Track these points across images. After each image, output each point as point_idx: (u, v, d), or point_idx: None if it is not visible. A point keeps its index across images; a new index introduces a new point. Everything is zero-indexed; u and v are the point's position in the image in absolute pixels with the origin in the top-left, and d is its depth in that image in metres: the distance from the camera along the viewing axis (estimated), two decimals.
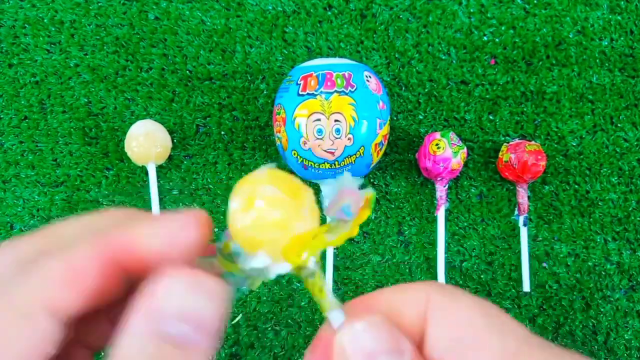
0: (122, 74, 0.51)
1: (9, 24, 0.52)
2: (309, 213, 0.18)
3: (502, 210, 0.49)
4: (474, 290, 0.48)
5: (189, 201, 0.50)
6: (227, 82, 0.51)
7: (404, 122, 0.50)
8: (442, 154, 0.45)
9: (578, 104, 0.50)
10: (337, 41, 0.50)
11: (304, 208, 0.17)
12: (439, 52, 0.50)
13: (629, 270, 0.48)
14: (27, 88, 0.51)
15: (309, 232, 0.17)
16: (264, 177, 0.18)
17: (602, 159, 0.49)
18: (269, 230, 0.17)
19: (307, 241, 0.17)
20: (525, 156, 0.45)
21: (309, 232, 0.17)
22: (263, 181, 0.17)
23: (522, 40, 0.50)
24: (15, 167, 0.51)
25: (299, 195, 0.18)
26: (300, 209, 0.17)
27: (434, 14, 0.50)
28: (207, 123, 0.51)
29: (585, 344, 0.47)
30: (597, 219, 0.49)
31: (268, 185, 0.17)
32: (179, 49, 0.51)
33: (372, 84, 0.43)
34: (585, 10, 0.50)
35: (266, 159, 0.50)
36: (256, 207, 0.17)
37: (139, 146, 0.47)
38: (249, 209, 0.17)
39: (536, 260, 0.48)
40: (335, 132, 0.41)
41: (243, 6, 0.51)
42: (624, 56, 0.50)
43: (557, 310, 0.48)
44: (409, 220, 0.49)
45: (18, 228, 0.50)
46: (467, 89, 0.50)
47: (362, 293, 0.48)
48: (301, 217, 0.17)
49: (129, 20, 0.51)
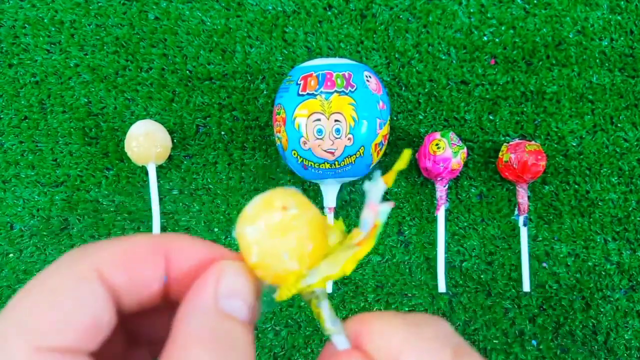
0: (122, 74, 0.51)
1: (9, 24, 0.52)
2: (290, 255, 0.18)
3: (502, 210, 0.49)
4: (474, 290, 0.48)
5: (189, 201, 0.50)
6: (227, 82, 0.51)
7: (404, 122, 0.50)
8: (442, 154, 0.45)
9: (578, 104, 0.50)
10: (337, 41, 0.50)
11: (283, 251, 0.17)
12: (439, 52, 0.50)
13: (629, 270, 0.48)
14: (27, 88, 0.51)
15: (291, 272, 0.18)
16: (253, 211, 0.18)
17: (602, 159, 0.49)
18: (254, 267, 0.18)
19: (289, 280, 0.18)
20: (525, 156, 0.45)
21: (291, 273, 0.18)
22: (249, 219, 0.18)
23: (522, 40, 0.50)
24: (15, 167, 0.51)
25: (283, 234, 0.18)
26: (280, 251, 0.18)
27: (434, 14, 0.50)
28: (207, 123, 0.51)
29: (585, 344, 0.47)
30: (597, 219, 0.49)
31: (251, 226, 0.18)
32: (179, 49, 0.51)
33: (372, 84, 0.43)
34: (585, 10, 0.50)
35: (266, 159, 0.50)
36: (243, 244, 0.18)
37: (139, 146, 0.47)
38: (240, 245, 0.18)
39: (536, 260, 0.48)
40: (335, 132, 0.41)
41: (243, 6, 0.51)
42: (624, 56, 0.50)
43: (557, 310, 0.48)
44: (409, 220, 0.49)
45: (18, 228, 0.50)
46: (467, 89, 0.50)
47: (362, 293, 0.48)
48: (279, 260, 0.17)
49: (129, 20, 0.51)
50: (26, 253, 0.50)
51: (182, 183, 0.50)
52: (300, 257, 0.18)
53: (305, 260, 0.18)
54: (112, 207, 0.50)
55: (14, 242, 0.50)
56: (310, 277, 0.18)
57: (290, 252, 0.17)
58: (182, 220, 0.50)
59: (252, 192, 0.50)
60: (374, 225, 0.18)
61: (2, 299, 0.50)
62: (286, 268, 0.18)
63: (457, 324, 0.48)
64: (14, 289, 0.50)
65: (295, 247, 0.17)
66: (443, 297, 0.48)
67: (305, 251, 0.18)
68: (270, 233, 0.17)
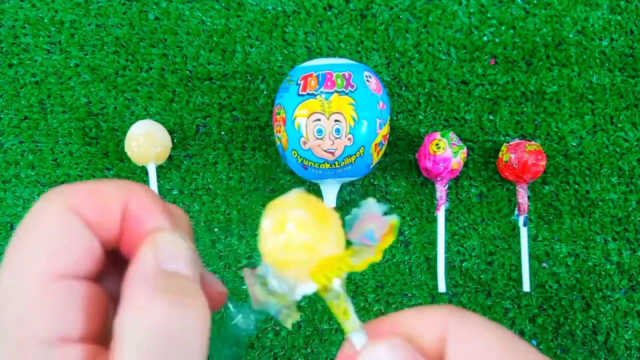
0: (122, 74, 0.51)
1: (9, 24, 0.52)
2: (335, 237, 0.19)
3: (502, 210, 0.49)
4: (474, 290, 0.48)
5: (189, 201, 0.50)
6: (227, 82, 0.51)
7: (404, 122, 0.50)
8: (442, 154, 0.45)
9: (578, 104, 0.50)
10: (337, 41, 0.50)
11: (331, 232, 0.18)
12: (439, 52, 0.50)
13: (629, 270, 0.48)
14: (27, 88, 0.51)
15: (336, 255, 0.18)
16: (294, 200, 0.19)
17: (602, 159, 0.49)
18: (298, 252, 0.18)
19: (333, 264, 0.18)
20: (525, 156, 0.45)
21: (336, 256, 0.18)
22: (293, 205, 0.18)
23: (522, 40, 0.50)
24: (15, 167, 0.51)
25: (326, 220, 0.18)
26: (328, 233, 0.18)
27: (434, 14, 0.50)
28: (207, 123, 0.51)
29: (585, 344, 0.47)
30: (597, 219, 0.49)
31: (298, 209, 0.18)
32: (179, 49, 0.51)
33: (372, 84, 0.43)
34: (585, 10, 0.50)
35: (266, 159, 0.50)
36: (287, 230, 0.18)
37: (139, 146, 0.47)
38: (280, 231, 0.18)
39: (536, 260, 0.48)
40: (335, 132, 0.41)
41: (243, 6, 0.51)
42: (624, 56, 0.50)
43: (557, 310, 0.48)
44: (409, 220, 0.49)
45: None
46: (467, 89, 0.50)
47: (362, 293, 0.48)
48: (328, 241, 0.18)
49: (129, 20, 0.51)
50: None
51: (182, 183, 0.50)
52: (341, 242, 0.19)
53: (342, 247, 0.19)
54: None
55: None
56: (354, 259, 0.19)
57: (337, 235, 0.19)
58: None
59: (252, 192, 0.50)
60: (390, 225, 0.19)
61: None
62: (332, 251, 0.18)
63: None
64: None
65: (338, 232, 0.19)
66: (443, 297, 0.48)
67: (343, 238, 0.19)
68: (317, 216, 0.18)
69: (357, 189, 0.50)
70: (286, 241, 0.18)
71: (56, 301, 0.16)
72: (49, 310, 0.16)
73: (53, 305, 0.16)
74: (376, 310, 0.49)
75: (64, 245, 0.17)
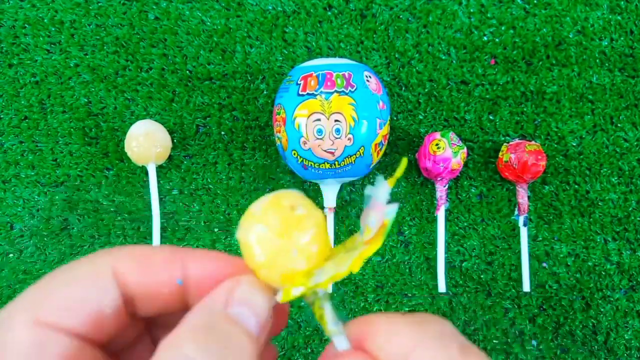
0: (122, 74, 0.51)
1: (9, 24, 0.52)
2: (299, 252, 0.18)
3: (502, 210, 0.49)
4: (474, 290, 0.48)
5: (189, 201, 0.50)
6: (227, 82, 0.51)
7: (404, 122, 0.50)
8: (442, 154, 0.45)
9: (578, 104, 0.50)
10: (337, 41, 0.50)
11: (293, 247, 0.18)
12: (439, 52, 0.50)
13: (629, 270, 0.48)
14: (27, 88, 0.51)
15: (298, 272, 0.18)
16: (260, 210, 0.18)
17: (602, 159, 0.49)
18: (259, 267, 0.18)
19: (296, 279, 0.18)
20: (525, 156, 0.45)
21: (299, 272, 0.18)
22: (258, 218, 0.18)
23: (522, 40, 0.50)
24: (15, 167, 0.51)
25: (289, 232, 0.18)
26: (289, 247, 0.18)
27: (434, 14, 0.50)
28: (207, 123, 0.51)
29: (585, 344, 0.47)
30: (597, 219, 0.49)
31: (258, 224, 0.18)
32: (179, 49, 0.51)
33: (372, 84, 0.43)
34: (585, 10, 0.50)
35: (266, 159, 0.50)
36: (249, 244, 0.18)
37: (139, 146, 0.47)
38: (245, 248, 0.18)
39: (536, 260, 0.48)
40: (335, 132, 0.41)
41: (243, 6, 0.51)
42: (624, 56, 0.50)
43: (557, 310, 0.48)
44: (409, 220, 0.49)
45: (18, 228, 0.50)
46: (467, 89, 0.50)
47: (362, 293, 0.48)
48: (288, 257, 0.18)
49: (129, 20, 0.51)
50: (26, 253, 0.50)
51: (182, 183, 0.50)
52: (308, 257, 0.18)
53: (312, 260, 0.18)
54: (112, 207, 0.50)
55: (14, 242, 0.50)
56: (318, 276, 0.18)
57: (299, 250, 0.18)
58: (182, 220, 0.50)
59: (252, 192, 0.50)
60: (383, 224, 0.18)
61: (2, 299, 0.50)
62: (294, 267, 0.18)
63: (457, 324, 0.48)
64: (14, 288, 0.50)
65: (303, 246, 0.18)
66: (443, 297, 0.48)
67: (312, 251, 0.18)
68: (279, 231, 0.18)
69: (357, 189, 0.50)
70: (247, 257, 0.18)
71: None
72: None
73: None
74: (376, 311, 0.49)
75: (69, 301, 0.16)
